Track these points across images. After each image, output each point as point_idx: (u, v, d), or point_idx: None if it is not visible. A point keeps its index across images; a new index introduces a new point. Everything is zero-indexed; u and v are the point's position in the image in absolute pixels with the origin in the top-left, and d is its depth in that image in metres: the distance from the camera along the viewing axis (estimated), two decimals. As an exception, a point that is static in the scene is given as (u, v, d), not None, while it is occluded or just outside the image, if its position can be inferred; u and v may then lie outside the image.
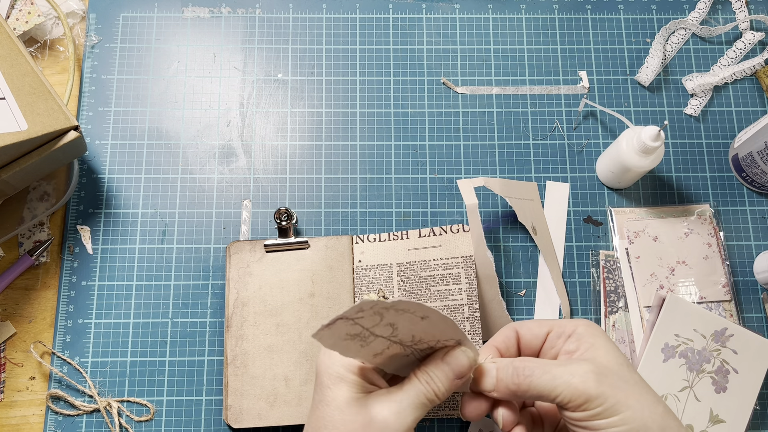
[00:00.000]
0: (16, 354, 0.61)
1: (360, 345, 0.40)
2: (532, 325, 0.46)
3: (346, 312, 0.38)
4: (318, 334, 0.38)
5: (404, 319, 0.40)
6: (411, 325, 0.41)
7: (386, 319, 0.40)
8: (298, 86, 0.70)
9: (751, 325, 0.64)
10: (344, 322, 0.38)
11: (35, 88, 0.57)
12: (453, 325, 0.42)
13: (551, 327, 0.45)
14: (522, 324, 0.47)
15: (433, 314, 0.41)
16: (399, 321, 0.40)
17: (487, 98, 0.70)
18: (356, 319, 0.38)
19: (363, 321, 0.39)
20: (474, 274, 0.59)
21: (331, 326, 0.38)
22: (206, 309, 0.63)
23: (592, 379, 0.40)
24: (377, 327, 0.40)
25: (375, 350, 0.42)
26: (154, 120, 0.68)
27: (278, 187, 0.67)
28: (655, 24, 0.72)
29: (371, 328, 0.40)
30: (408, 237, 0.62)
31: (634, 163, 0.60)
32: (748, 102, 0.70)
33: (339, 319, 0.38)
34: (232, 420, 0.58)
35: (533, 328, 0.46)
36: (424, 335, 0.42)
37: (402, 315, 0.40)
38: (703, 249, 0.64)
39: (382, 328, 0.40)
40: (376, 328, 0.40)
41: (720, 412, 0.58)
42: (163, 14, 0.71)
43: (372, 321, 0.39)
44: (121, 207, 0.66)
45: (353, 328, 0.39)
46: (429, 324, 0.41)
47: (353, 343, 0.40)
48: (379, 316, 0.39)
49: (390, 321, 0.40)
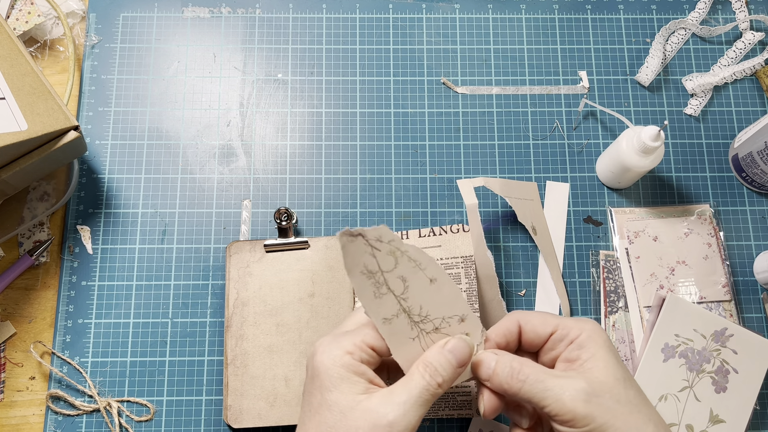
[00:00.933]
0: (16, 354, 0.61)
1: (373, 293, 0.41)
2: (537, 322, 0.46)
3: (368, 230, 0.39)
4: (341, 237, 0.38)
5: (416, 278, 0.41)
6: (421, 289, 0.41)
7: (400, 268, 0.41)
8: (298, 86, 0.70)
9: (751, 325, 0.64)
10: (364, 243, 0.39)
11: (35, 88, 0.57)
12: (458, 294, 0.43)
13: (556, 327, 0.45)
14: (527, 318, 0.46)
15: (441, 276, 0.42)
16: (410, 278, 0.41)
17: (487, 98, 0.70)
18: (374, 245, 0.39)
19: (379, 256, 0.40)
20: (474, 274, 0.59)
21: (354, 238, 0.39)
22: (206, 309, 0.63)
23: (582, 399, 0.40)
24: (391, 274, 0.40)
25: (385, 312, 0.42)
26: (154, 120, 0.68)
27: (278, 187, 0.67)
28: (655, 24, 0.72)
29: (386, 272, 0.40)
30: (408, 237, 0.62)
31: (634, 163, 0.60)
32: (748, 102, 0.70)
33: (360, 235, 0.39)
34: (232, 420, 0.58)
35: (537, 327, 0.46)
36: (431, 308, 0.43)
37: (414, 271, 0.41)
38: (703, 249, 0.64)
39: (394, 279, 0.41)
40: (389, 276, 0.40)
41: (720, 412, 0.58)
42: (163, 14, 0.71)
43: (387, 262, 0.40)
44: (121, 207, 0.66)
45: (370, 261, 0.40)
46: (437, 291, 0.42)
47: (368, 285, 0.40)
48: (394, 259, 0.40)
49: (402, 273, 0.41)
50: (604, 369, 0.42)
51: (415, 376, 0.42)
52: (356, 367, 0.42)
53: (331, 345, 0.43)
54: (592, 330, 0.44)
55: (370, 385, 0.43)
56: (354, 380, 0.42)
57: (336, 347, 0.43)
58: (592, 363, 0.42)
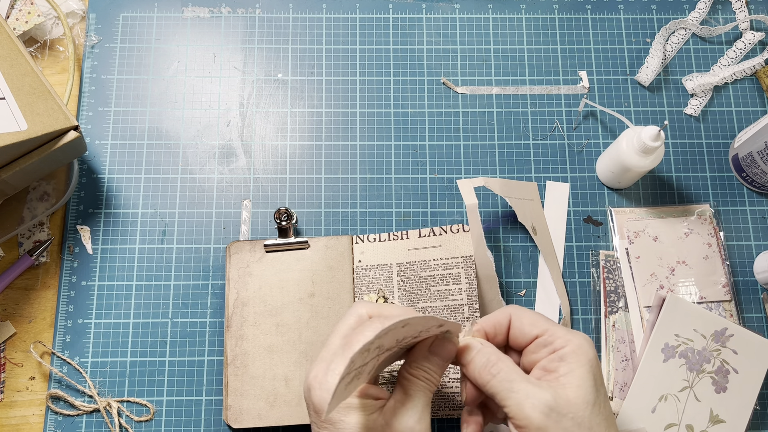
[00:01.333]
0: (16, 354, 0.61)
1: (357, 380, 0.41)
2: (526, 321, 0.46)
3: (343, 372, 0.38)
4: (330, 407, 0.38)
5: (388, 336, 0.40)
6: (394, 335, 0.41)
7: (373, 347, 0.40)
8: (298, 86, 0.70)
9: (751, 325, 0.64)
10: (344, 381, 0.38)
11: (35, 88, 0.57)
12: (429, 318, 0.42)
13: (543, 331, 0.45)
14: (519, 315, 0.46)
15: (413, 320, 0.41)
16: (383, 340, 0.40)
17: (487, 98, 0.70)
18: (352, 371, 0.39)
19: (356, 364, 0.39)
20: (474, 274, 0.59)
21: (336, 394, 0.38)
22: (206, 309, 0.63)
23: (542, 411, 0.40)
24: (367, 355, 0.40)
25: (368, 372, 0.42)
26: (154, 120, 0.68)
27: (278, 187, 0.67)
28: (655, 24, 0.72)
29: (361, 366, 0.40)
30: (408, 237, 0.62)
31: (634, 163, 0.60)
32: (748, 102, 0.70)
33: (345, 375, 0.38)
34: (232, 420, 0.58)
35: (525, 326, 0.45)
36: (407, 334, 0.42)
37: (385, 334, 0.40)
38: (703, 249, 0.64)
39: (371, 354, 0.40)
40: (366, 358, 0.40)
41: (720, 412, 0.58)
42: (163, 14, 0.71)
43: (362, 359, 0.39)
44: (121, 207, 0.66)
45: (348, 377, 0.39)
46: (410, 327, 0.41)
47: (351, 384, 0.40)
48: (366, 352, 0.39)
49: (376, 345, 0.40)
50: (577, 388, 0.41)
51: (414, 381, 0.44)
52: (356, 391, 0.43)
53: (326, 376, 0.42)
54: (578, 345, 0.43)
55: (374, 401, 0.43)
56: (360, 403, 0.42)
57: (331, 377, 0.42)
58: (567, 379, 0.42)
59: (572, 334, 0.44)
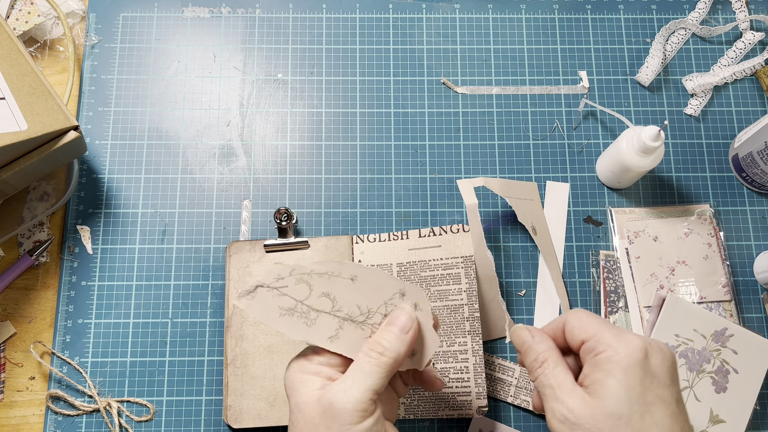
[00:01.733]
0: (16, 354, 0.61)
1: (305, 323, 0.40)
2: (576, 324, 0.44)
3: (263, 279, 0.38)
4: (241, 301, 0.38)
5: (337, 287, 0.40)
6: (348, 292, 0.41)
7: (317, 289, 0.40)
8: (298, 86, 0.70)
9: (751, 325, 0.64)
10: (267, 291, 0.38)
11: (35, 88, 0.57)
12: (385, 275, 0.42)
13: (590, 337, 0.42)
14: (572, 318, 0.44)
15: (358, 269, 0.41)
16: (333, 289, 0.40)
17: (487, 98, 0.70)
18: (281, 288, 0.39)
19: (291, 291, 0.39)
20: (474, 274, 0.59)
21: (253, 294, 0.38)
22: (206, 309, 0.63)
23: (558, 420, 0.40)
24: (312, 299, 0.40)
25: (327, 332, 0.41)
26: (154, 120, 0.68)
27: (278, 187, 0.67)
28: (655, 24, 0.72)
29: (306, 300, 0.40)
30: (408, 237, 0.62)
31: (634, 163, 0.60)
32: (748, 102, 0.70)
33: (259, 287, 0.38)
34: (232, 420, 0.58)
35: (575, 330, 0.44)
36: (369, 302, 0.42)
37: (331, 281, 0.40)
38: (703, 249, 0.64)
39: (318, 300, 0.40)
40: (312, 301, 0.40)
41: (720, 412, 0.58)
42: (163, 14, 0.71)
43: (301, 292, 0.39)
44: (121, 207, 0.66)
45: (283, 301, 0.39)
46: (363, 284, 0.41)
47: (295, 321, 0.40)
48: (307, 285, 0.39)
49: (323, 290, 0.40)
50: (601, 399, 0.39)
51: (360, 356, 0.43)
52: (311, 368, 0.43)
53: (292, 361, 0.45)
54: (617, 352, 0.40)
55: (327, 381, 0.43)
56: (309, 381, 0.42)
57: (295, 361, 0.44)
58: (595, 389, 0.40)
59: (619, 338, 0.41)
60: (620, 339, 0.41)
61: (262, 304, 0.39)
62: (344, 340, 0.43)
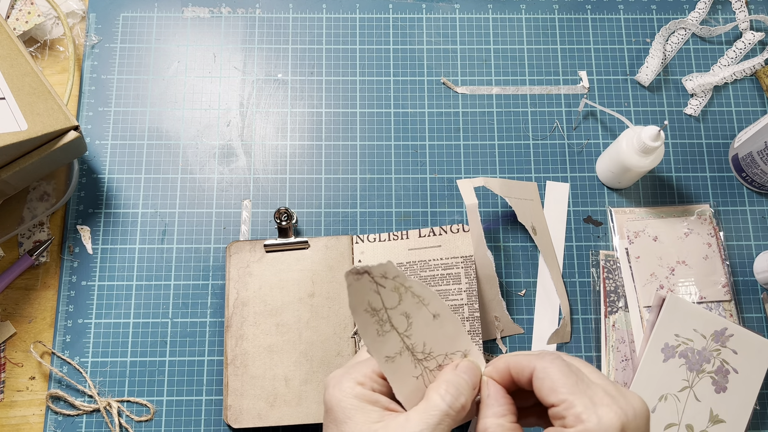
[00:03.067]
0: (16, 354, 0.61)
1: (376, 331, 0.40)
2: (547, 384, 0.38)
3: (373, 266, 0.38)
4: (348, 276, 0.38)
5: (419, 314, 0.41)
6: (424, 325, 0.41)
7: (403, 306, 0.40)
8: (298, 86, 0.70)
9: (751, 325, 0.64)
10: (369, 280, 0.38)
11: (35, 88, 0.57)
12: (461, 329, 0.42)
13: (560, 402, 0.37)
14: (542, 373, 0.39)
15: (444, 311, 0.41)
16: (414, 314, 0.40)
17: (487, 98, 0.70)
18: (379, 282, 0.39)
19: (384, 293, 0.39)
20: (474, 274, 0.59)
21: (359, 276, 0.38)
22: (206, 309, 0.63)
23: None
24: (395, 311, 0.40)
25: (388, 350, 0.41)
26: (154, 120, 0.68)
27: (278, 187, 0.67)
28: (655, 24, 0.72)
29: (389, 309, 0.40)
30: (408, 237, 0.62)
31: (634, 163, 0.60)
32: (748, 102, 0.70)
33: (366, 272, 0.38)
34: (232, 420, 0.58)
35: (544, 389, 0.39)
36: (434, 344, 0.42)
37: (418, 307, 0.40)
38: (703, 249, 0.64)
39: (398, 316, 0.40)
40: (393, 313, 0.40)
41: (720, 412, 0.58)
42: (163, 14, 0.71)
43: (391, 299, 0.40)
44: (121, 207, 0.66)
45: (374, 299, 0.39)
46: (439, 327, 0.41)
47: (371, 322, 0.40)
48: (398, 295, 0.39)
49: (406, 310, 0.40)
50: None
51: (434, 398, 0.39)
52: (368, 396, 0.41)
53: (342, 378, 0.41)
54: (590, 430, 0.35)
55: (385, 413, 0.40)
56: (367, 409, 0.40)
57: (346, 379, 0.41)
58: None
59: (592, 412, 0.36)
60: (593, 413, 0.36)
61: (359, 289, 0.39)
62: (396, 367, 0.41)
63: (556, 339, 0.63)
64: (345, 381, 0.41)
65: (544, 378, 0.38)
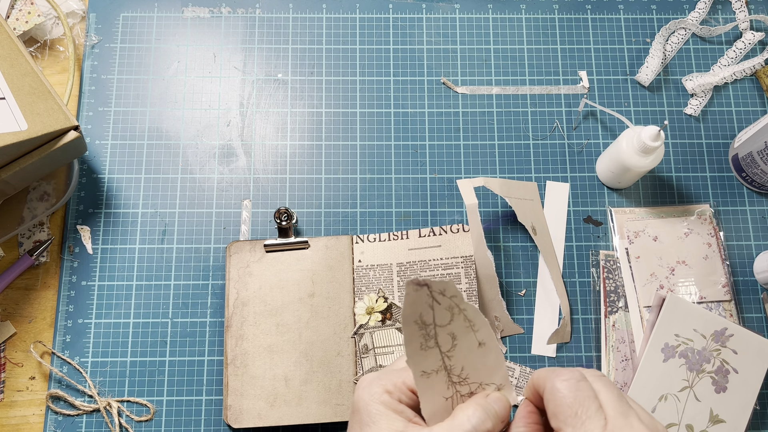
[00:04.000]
0: (16, 354, 0.61)
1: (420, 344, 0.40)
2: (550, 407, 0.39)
3: (434, 282, 0.38)
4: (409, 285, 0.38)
5: (466, 338, 0.40)
6: (468, 350, 0.41)
7: (453, 325, 0.40)
8: (298, 86, 0.70)
9: (751, 325, 0.64)
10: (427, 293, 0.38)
11: (35, 88, 0.57)
12: (501, 363, 0.42)
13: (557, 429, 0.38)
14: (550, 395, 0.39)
15: (491, 341, 0.40)
16: (461, 337, 0.40)
17: (487, 98, 0.70)
18: (436, 298, 0.39)
19: (438, 309, 0.39)
20: (474, 274, 0.59)
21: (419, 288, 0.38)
22: (206, 309, 0.63)
23: None
24: (443, 329, 0.40)
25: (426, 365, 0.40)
26: (154, 120, 0.68)
27: (278, 187, 0.67)
28: (655, 24, 0.72)
29: (439, 326, 0.40)
30: (408, 237, 0.62)
31: (634, 163, 0.60)
32: (748, 102, 0.70)
33: (426, 285, 0.38)
34: (232, 420, 0.58)
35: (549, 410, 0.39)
36: (472, 372, 0.41)
37: (466, 331, 0.40)
38: (703, 249, 0.64)
39: (445, 335, 0.40)
40: (441, 330, 0.40)
41: (720, 412, 0.58)
42: (163, 14, 0.71)
43: (443, 317, 0.39)
44: (121, 207, 0.66)
45: (427, 313, 0.39)
46: (482, 355, 0.41)
47: (417, 335, 0.39)
48: (450, 314, 0.39)
49: (454, 330, 0.40)
50: None
51: (461, 417, 0.39)
52: (394, 405, 0.41)
53: (373, 382, 0.42)
54: None
55: (409, 424, 0.41)
56: (392, 417, 0.40)
57: (377, 384, 0.42)
58: None
59: None
60: None
61: (416, 300, 0.38)
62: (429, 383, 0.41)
63: (556, 339, 0.63)
64: (375, 386, 0.42)
65: (549, 400, 0.38)
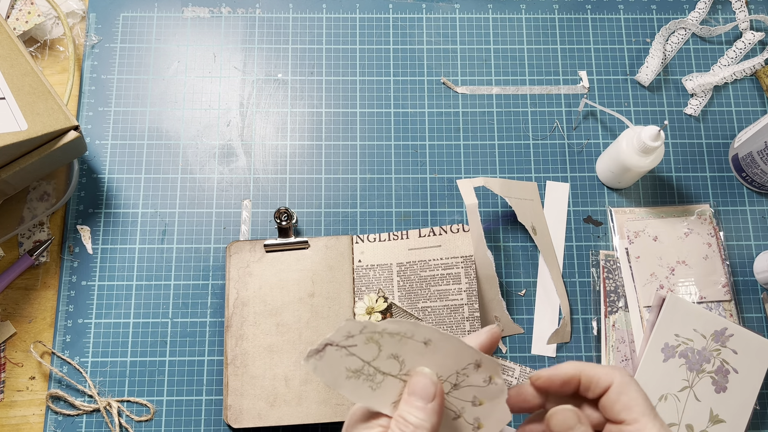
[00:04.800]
0: (16, 354, 0.61)
1: (369, 387, 0.37)
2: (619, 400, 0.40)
3: (333, 336, 0.36)
4: (309, 361, 0.35)
5: (408, 349, 0.38)
6: (419, 357, 0.38)
7: (386, 350, 0.37)
8: (298, 86, 0.70)
9: (751, 325, 0.64)
10: (335, 350, 0.36)
11: (35, 88, 0.57)
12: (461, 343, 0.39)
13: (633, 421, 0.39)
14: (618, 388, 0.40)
15: (434, 334, 0.38)
16: (403, 352, 0.38)
17: (487, 98, 0.70)
18: (349, 347, 0.36)
19: (359, 351, 0.36)
20: (474, 274, 0.59)
21: (322, 353, 0.35)
22: (206, 309, 0.63)
23: None
24: (380, 360, 0.37)
25: (391, 396, 0.38)
26: (154, 120, 0.68)
27: (278, 187, 0.67)
28: (655, 24, 0.72)
29: (373, 362, 0.37)
30: (408, 237, 0.62)
31: (634, 163, 0.60)
32: (748, 102, 0.70)
33: (327, 345, 0.35)
34: (232, 420, 0.58)
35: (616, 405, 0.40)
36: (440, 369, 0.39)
37: (403, 343, 0.37)
38: (703, 249, 0.64)
39: (386, 362, 0.37)
40: (379, 363, 0.37)
41: (720, 412, 0.58)
42: (163, 14, 0.71)
43: (370, 351, 0.37)
44: (121, 207, 0.66)
45: (351, 361, 0.37)
46: (436, 350, 0.38)
47: (360, 384, 0.37)
48: (376, 345, 0.37)
49: (392, 351, 0.37)
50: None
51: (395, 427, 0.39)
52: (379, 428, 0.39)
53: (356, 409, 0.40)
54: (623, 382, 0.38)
55: None
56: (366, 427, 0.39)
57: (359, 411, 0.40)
58: None
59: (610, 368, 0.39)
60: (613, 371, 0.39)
61: (330, 364, 0.36)
62: None
63: (556, 339, 0.63)
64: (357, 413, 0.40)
65: (621, 393, 0.39)
